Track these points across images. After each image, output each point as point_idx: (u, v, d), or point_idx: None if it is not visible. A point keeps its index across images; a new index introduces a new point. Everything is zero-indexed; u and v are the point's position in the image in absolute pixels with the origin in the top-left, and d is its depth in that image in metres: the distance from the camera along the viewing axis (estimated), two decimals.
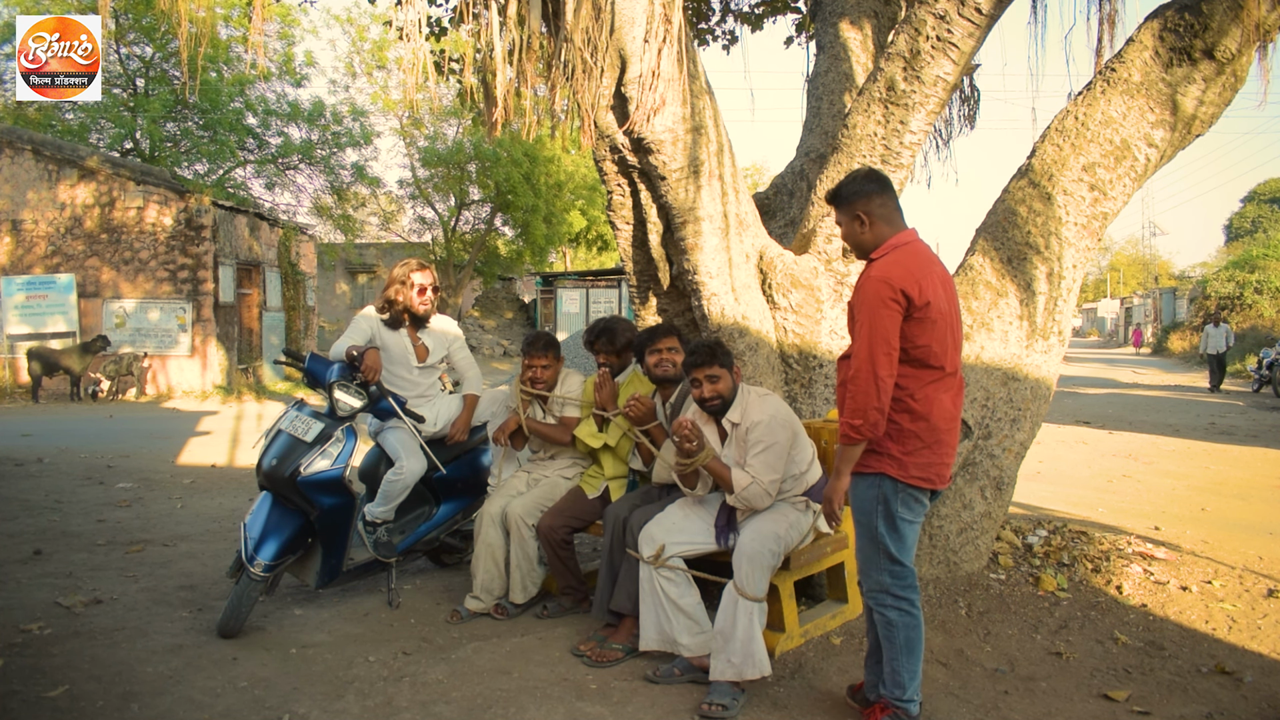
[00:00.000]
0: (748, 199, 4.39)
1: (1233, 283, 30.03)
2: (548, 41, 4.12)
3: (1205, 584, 4.20)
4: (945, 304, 2.73)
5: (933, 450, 2.73)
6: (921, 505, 2.80)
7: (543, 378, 4.16)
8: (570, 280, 27.37)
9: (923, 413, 2.71)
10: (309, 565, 3.90)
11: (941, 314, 2.70)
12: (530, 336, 4.22)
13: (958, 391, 2.83)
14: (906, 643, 2.80)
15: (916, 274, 2.68)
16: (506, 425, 4.18)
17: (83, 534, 5.38)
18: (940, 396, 2.74)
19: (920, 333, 2.68)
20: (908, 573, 2.80)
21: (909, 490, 2.74)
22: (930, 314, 2.68)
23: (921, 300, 2.65)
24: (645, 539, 3.41)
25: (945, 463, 2.78)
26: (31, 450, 8.75)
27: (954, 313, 2.81)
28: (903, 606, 2.80)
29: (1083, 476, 8.10)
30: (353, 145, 23.73)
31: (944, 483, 2.80)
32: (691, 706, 3.06)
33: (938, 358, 2.72)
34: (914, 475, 2.72)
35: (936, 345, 2.70)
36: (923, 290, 2.65)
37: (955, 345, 2.79)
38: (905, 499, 2.75)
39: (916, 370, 2.72)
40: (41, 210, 15.58)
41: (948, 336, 2.74)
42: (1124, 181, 4.06)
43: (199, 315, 15.88)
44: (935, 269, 2.78)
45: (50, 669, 3.25)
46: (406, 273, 4.28)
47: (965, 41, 3.95)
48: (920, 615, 2.83)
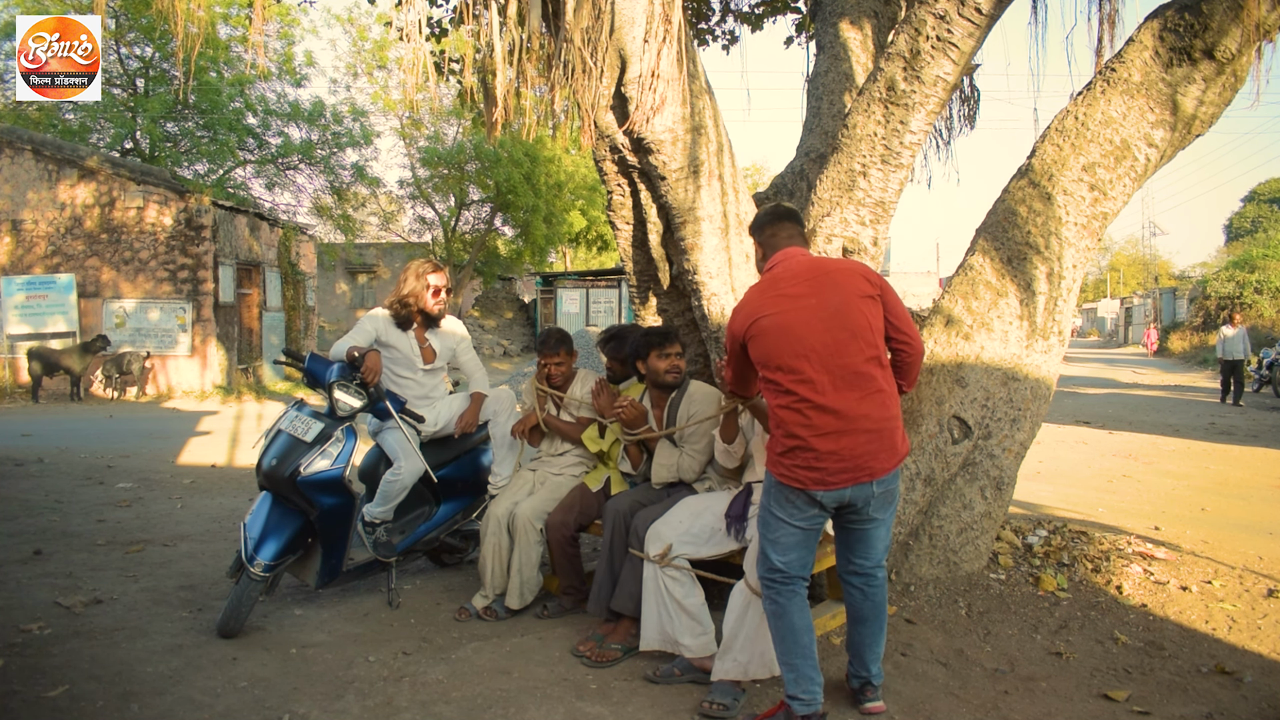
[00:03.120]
0: (748, 199, 4.39)
1: (1233, 283, 30.02)
2: (548, 41, 4.12)
3: (1205, 584, 4.20)
4: (788, 313, 2.83)
5: (797, 455, 2.80)
6: (795, 507, 2.84)
7: (558, 374, 4.22)
8: (570, 280, 27.38)
9: (782, 419, 2.85)
10: (309, 565, 3.90)
11: (778, 328, 2.83)
12: (544, 335, 4.28)
13: (842, 394, 2.78)
14: (776, 632, 2.91)
15: (745, 307, 2.95)
16: (527, 420, 4.23)
17: (83, 534, 5.38)
18: (796, 405, 2.79)
19: (757, 351, 2.89)
20: (776, 570, 2.89)
21: (782, 487, 2.86)
22: (753, 332, 2.88)
23: (746, 335, 2.90)
24: (652, 537, 3.41)
25: (825, 466, 2.77)
26: (31, 450, 8.75)
27: (815, 320, 2.81)
28: (768, 594, 2.92)
29: (1083, 476, 8.10)
30: (353, 145, 23.73)
31: (823, 486, 2.78)
32: (691, 706, 3.06)
33: (787, 365, 2.81)
34: (783, 474, 2.86)
35: (782, 358, 2.83)
36: (738, 318, 2.94)
37: (829, 349, 2.79)
38: (778, 495, 2.89)
39: (768, 387, 2.89)
40: (41, 210, 15.58)
41: (796, 348, 2.80)
42: (1124, 181, 4.06)
43: (199, 315, 15.88)
44: (784, 287, 2.90)
45: (50, 669, 3.25)
46: (422, 273, 4.28)
47: (965, 41, 3.95)
48: (788, 608, 2.87)
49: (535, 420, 4.23)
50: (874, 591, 3.02)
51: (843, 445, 2.76)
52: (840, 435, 2.76)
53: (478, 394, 4.43)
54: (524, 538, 3.93)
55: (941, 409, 4.15)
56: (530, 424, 4.24)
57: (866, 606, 3.03)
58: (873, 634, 3.04)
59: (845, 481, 2.77)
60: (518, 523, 3.94)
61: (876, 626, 3.04)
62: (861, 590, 3.02)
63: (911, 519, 4.16)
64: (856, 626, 3.06)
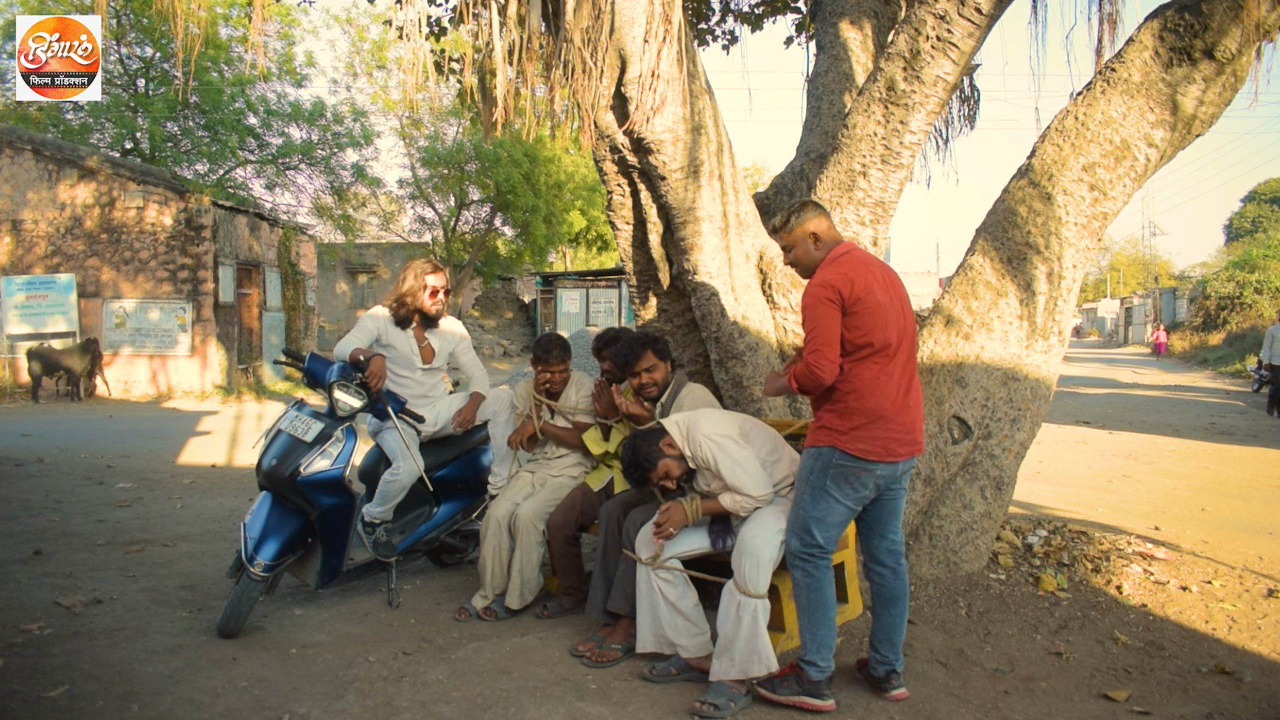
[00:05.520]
0: (748, 199, 4.39)
1: (1233, 283, 30.02)
2: (548, 41, 4.12)
3: (1205, 584, 4.19)
4: (883, 296, 3.00)
5: (876, 426, 2.95)
6: (853, 489, 2.98)
7: (557, 381, 4.18)
8: (570, 280, 27.38)
9: (866, 393, 2.97)
10: (309, 565, 3.90)
11: (878, 305, 2.96)
12: (544, 344, 4.16)
13: (903, 374, 3.04)
14: (807, 604, 3.03)
15: (851, 274, 2.98)
16: (523, 430, 4.18)
17: (83, 534, 5.38)
18: (880, 378, 2.98)
19: (858, 324, 2.95)
20: (818, 547, 3.01)
21: (849, 463, 2.96)
22: (867, 304, 2.94)
23: (853, 297, 2.94)
24: (643, 540, 3.41)
25: (895, 438, 2.98)
26: (31, 450, 8.75)
27: (895, 303, 3.04)
28: (806, 568, 3.03)
29: (1083, 476, 8.10)
30: (353, 145, 23.73)
31: (893, 457, 2.97)
32: (691, 706, 3.06)
33: (879, 341, 2.96)
34: (859, 448, 2.96)
35: (877, 332, 2.95)
36: (854, 288, 2.95)
37: (902, 332, 3.02)
38: (838, 474, 2.97)
39: (855, 359, 2.97)
40: (41, 210, 15.59)
41: (889, 324, 2.97)
42: (1124, 181, 4.06)
43: (199, 315, 15.88)
44: (874, 270, 3.05)
45: (50, 669, 3.25)
46: (420, 273, 4.28)
47: (965, 41, 3.95)
48: (824, 582, 3.02)
49: (532, 429, 4.19)
50: (903, 569, 3.19)
51: (907, 420, 3.03)
52: (905, 410, 3.03)
53: (476, 393, 4.43)
54: (526, 538, 3.92)
55: (941, 409, 4.15)
56: (527, 433, 4.19)
57: (898, 585, 3.16)
58: (901, 614, 3.16)
59: (907, 454, 3.03)
60: (520, 523, 3.94)
61: (903, 607, 3.17)
62: (893, 569, 3.16)
63: (911, 519, 4.16)
64: (889, 609, 3.16)
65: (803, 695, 3.00)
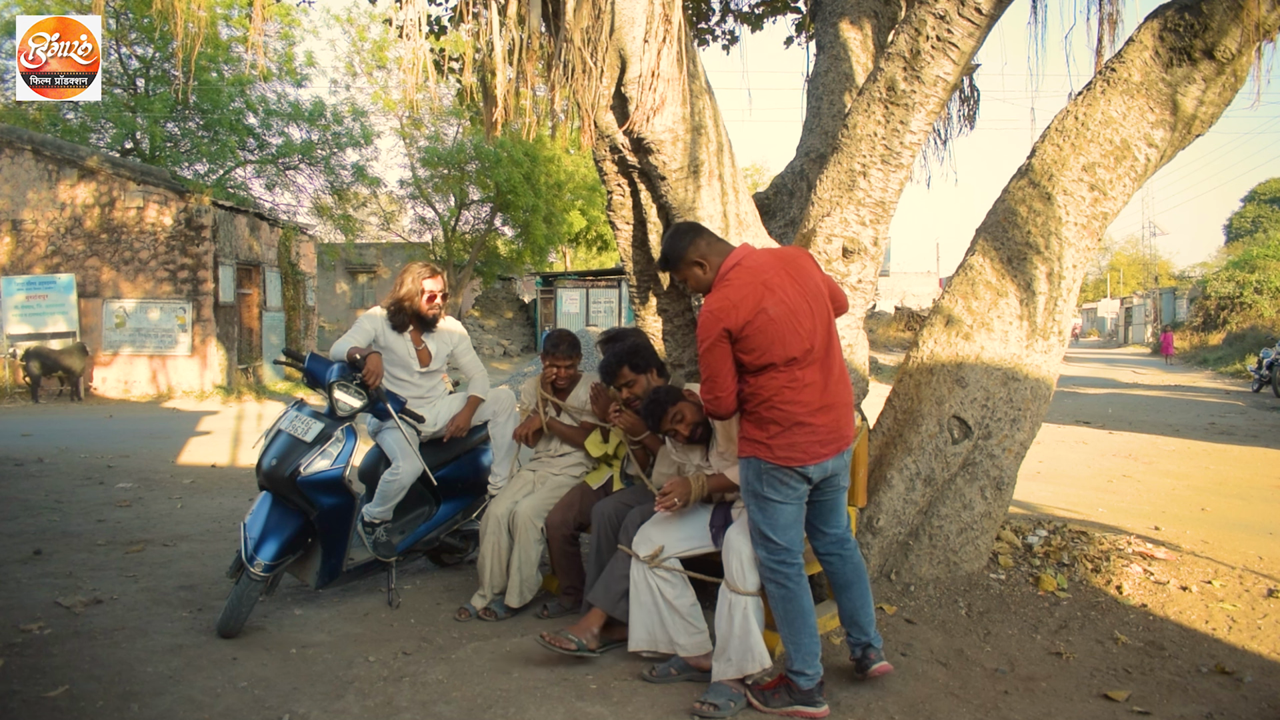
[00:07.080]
0: (748, 199, 4.39)
1: (1233, 283, 30.03)
2: (548, 41, 4.12)
3: (1205, 584, 4.19)
4: (781, 303, 2.94)
5: (793, 433, 2.95)
6: (790, 487, 2.99)
7: (565, 377, 4.21)
8: (570, 280, 27.38)
9: (777, 402, 2.96)
10: (309, 565, 3.90)
11: (771, 321, 2.92)
12: (554, 338, 4.23)
13: (820, 374, 3.00)
14: (785, 615, 3.04)
15: (737, 299, 2.93)
16: (530, 424, 4.22)
17: (83, 534, 5.38)
18: (790, 386, 2.95)
19: (751, 346, 2.92)
20: (782, 550, 3.02)
21: (774, 470, 2.96)
22: (757, 325, 2.91)
23: (739, 324, 2.90)
24: (642, 539, 3.40)
25: (815, 440, 2.97)
26: (31, 450, 8.75)
27: (802, 304, 2.98)
28: (777, 579, 3.03)
29: (1083, 476, 8.10)
30: (353, 145, 23.73)
31: (816, 459, 2.98)
32: (691, 706, 3.06)
33: (780, 357, 2.93)
34: (780, 455, 2.96)
35: (776, 349, 2.93)
36: (739, 313, 2.91)
37: (813, 334, 2.98)
38: (770, 479, 2.98)
39: (759, 375, 2.96)
40: (41, 210, 15.58)
41: (788, 338, 2.94)
42: (1124, 181, 4.06)
43: (199, 315, 15.88)
44: (768, 276, 2.98)
45: (50, 669, 3.25)
46: (418, 277, 4.27)
47: (965, 41, 3.94)
48: (797, 591, 3.03)
49: (538, 424, 4.22)
50: (850, 554, 3.23)
51: (829, 419, 3.01)
52: (827, 410, 3.01)
53: (473, 397, 4.43)
54: (524, 536, 3.92)
55: (941, 409, 4.15)
56: (534, 427, 4.22)
57: (848, 570, 3.21)
58: (860, 596, 3.21)
59: (832, 452, 3.02)
60: (518, 521, 3.94)
61: (861, 589, 3.22)
62: (840, 555, 3.22)
63: (911, 519, 4.16)
64: (844, 594, 3.22)
65: (795, 705, 3.00)
